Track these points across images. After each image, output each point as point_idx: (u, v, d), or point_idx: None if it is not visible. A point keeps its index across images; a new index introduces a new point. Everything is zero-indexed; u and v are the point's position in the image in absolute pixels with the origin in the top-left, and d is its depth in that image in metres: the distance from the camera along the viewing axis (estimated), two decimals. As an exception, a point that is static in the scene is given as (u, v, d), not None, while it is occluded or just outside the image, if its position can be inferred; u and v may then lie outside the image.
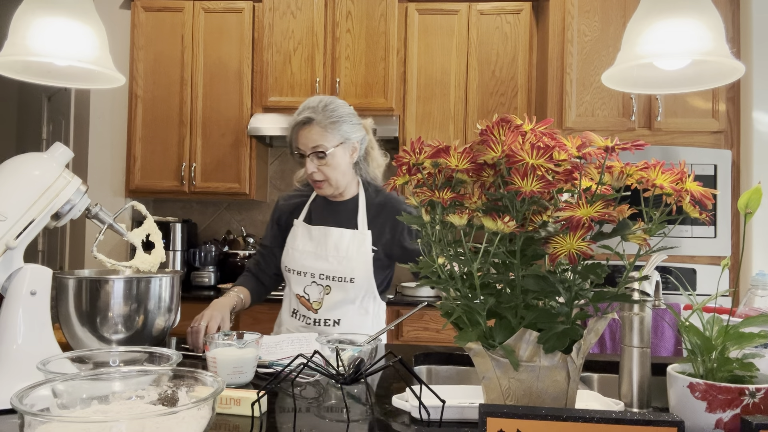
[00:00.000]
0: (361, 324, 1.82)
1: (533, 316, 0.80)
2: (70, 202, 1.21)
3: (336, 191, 1.83)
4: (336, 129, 1.75)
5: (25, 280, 1.13)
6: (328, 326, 1.79)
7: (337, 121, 1.75)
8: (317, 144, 1.73)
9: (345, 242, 1.80)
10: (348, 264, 1.79)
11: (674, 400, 0.87)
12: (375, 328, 1.85)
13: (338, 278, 1.79)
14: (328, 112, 1.75)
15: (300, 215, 1.89)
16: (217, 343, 1.25)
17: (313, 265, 1.81)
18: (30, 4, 1.14)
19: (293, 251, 1.84)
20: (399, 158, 0.87)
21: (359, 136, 1.83)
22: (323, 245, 1.81)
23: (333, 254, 1.80)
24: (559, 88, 3.07)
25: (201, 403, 0.73)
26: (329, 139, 1.74)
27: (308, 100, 1.79)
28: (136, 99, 3.50)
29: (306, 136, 1.74)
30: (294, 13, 3.40)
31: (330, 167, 1.76)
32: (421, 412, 0.99)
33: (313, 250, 1.82)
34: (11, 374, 1.08)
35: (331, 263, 1.79)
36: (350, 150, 1.81)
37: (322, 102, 1.77)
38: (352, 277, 1.78)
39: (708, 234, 2.93)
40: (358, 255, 1.80)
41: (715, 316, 0.89)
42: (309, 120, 1.73)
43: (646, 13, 1.05)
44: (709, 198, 0.78)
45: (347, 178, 1.84)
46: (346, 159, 1.80)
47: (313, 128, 1.73)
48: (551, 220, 0.80)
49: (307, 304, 1.81)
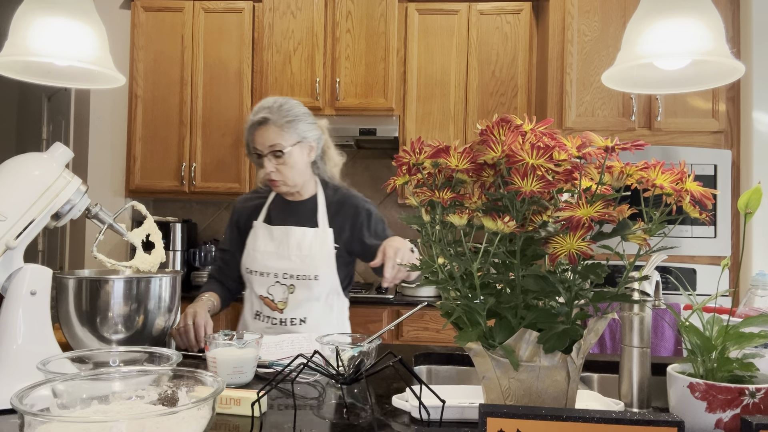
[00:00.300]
0: (327, 321, 1.83)
1: (533, 316, 0.80)
2: (70, 202, 1.21)
3: (293, 190, 1.85)
4: (292, 128, 1.77)
5: (25, 280, 1.13)
6: (294, 325, 1.80)
7: (292, 120, 1.78)
8: (274, 143, 1.76)
9: (307, 241, 1.82)
10: (312, 262, 1.80)
11: (674, 400, 0.87)
12: (340, 324, 1.88)
13: (302, 276, 1.80)
14: (283, 111, 1.77)
15: (259, 216, 1.90)
16: (217, 343, 1.25)
17: (275, 265, 1.82)
18: (30, 4, 1.14)
19: (254, 252, 1.85)
20: (399, 158, 0.87)
21: (315, 135, 1.86)
22: (285, 245, 1.82)
23: (296, 253, 1.81)
24: (559, 88, 3.07)
25: (201, 403, 0.73)
26: (286, 138, 1.76)
27: (263, 101, 1.81)
28: (136, 99, 3.50)
29: (263, 135, 1.76)
30: (294, 13, 3.40)
31: (287, 166, 1.78)
32: (421, 412, 0.99)
33: (275, 250, 1.83)
34: (11, 374, 1.08)
35: (294, 262, 1.81)
36: (307, 149, 1.84)
37: (277, 102, 1.80)
38: (317, 274, 1.80)
39: (708, 234, 2.93)
40: (321, 252, 1.82)
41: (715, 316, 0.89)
42: (265, 120, 1.76)
43: (646, 13, 1.05)
44: (709, 198, 0.78)
45: (305, 177, 1.86)
46: (303, 158, 1.83)
47: (269, 128, 1.76)
48: (551, 220, 0.80)
49: (271, 304, 1.82)
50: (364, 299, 3.09)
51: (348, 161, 3.78)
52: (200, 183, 3.48)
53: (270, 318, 1.82)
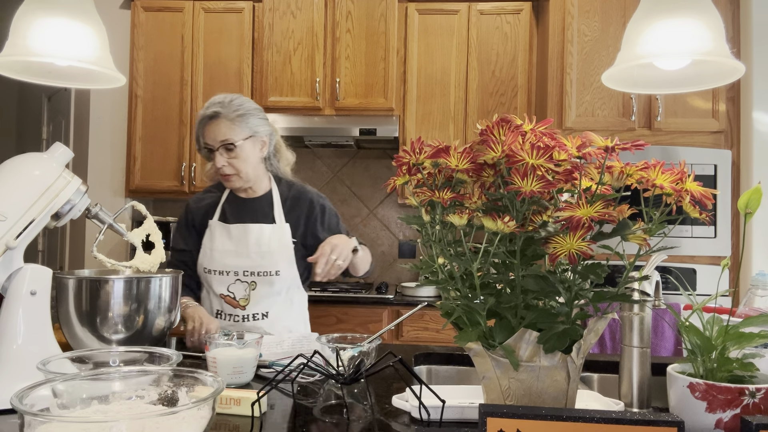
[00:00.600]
0: (288, 315, 1.86)
1: (533, 316, 0.80)
2: (70, 202, 1.21)
3: (246, 185, 1.86)
4: (243, 122, 1.79)
5: (25, 280, 1.13)
6: (257, 320, 1.81)
7: (244, 114, 1.79)
8: (226, 137, 1.77)
9: (266, 237, 1.83)
10: (272, 258, 1.82)
11: (674, 400, 0.87)
12: (300, 318, 1.91)
13: (263, 273, 1.81)
14: (234, 106, 1.79)
15: (214, 215, 1.90)
16: (217, 343, 1.25)
17: (235, 263, 1.82)
18: (30, 4, 1.14)
19: (212, 252, 1.85)
20: (399, 158, 0.87)
21: (267, 130, 1.87)
22: (243, 242, 1.83)
23: (255, 250, 1.82)
24: (559, 88, 3.07)
25: (201, 403, 0.73)
26: (237, 132, 1.78)
27: (214, 97, 1.83)
28: (136, 99, 3.50)
29: (214, 130, 1.78)
30: (294, 13, 3.40)
31: (239, 160, 1.79)
32: (421, 412, 0.99)
33: (233, 249, 1.83)
34: (11, 374, 1.08)
35: (254, 259, 1.82)
36: (259, 144, 1.85)
37: (228, 98, 1.81)
38: (278, 269, 1.82)
39: (708, 234, 2.93)
40: (280, 248, 1.83)
41: (715, 316, 0.89)
42: (216, 114, 1.77)
43: (646, 13, 1.05)
44: (709, 198, 0.78)
45: (257, 172, 1.87)
46: (255, 153, 1.84)
47: (220, 122, 1.77)
48: (551, 220, 0.80)
49: (233, 302, 1.83)
50: (364, 299, 3.09)
51: (348, 161, 3.80)
52: (200, 183, 3.48)
53: (232, 315, 1.83)
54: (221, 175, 1.82)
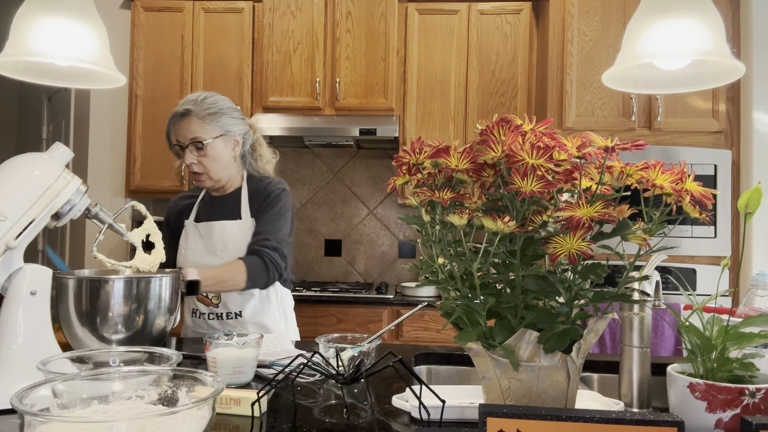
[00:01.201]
0: (266, 311, 1.84)
1: (533, 316, 0.80)
2: (70, 202, 1.21)
3: (217, 184, 1.85)
4: (215, 121, 1.78)
5: (25, 280, 1.13)
6: (231, 319, 1.81)
7: (216, 112, 1.79)
8: (195, 135, 1.77)
9: (229, 234, 1.82)
10: (237, 254, 1.79)
11: (674, 400, 0.87)
12: (281, 314, 1.88)
13: None
14: (206, 104, 1.79)
15: (190, 216, 1.91)
16: (217, 343, 1.25)
17: (204, 262, 1.82)
18: (31, 4, 1.14)
19: (186, 251, 1.86)
20: (399, 158, 0.87)
21: (241, 129, 1.86)
22: (210, 241, 1.83)
23: (220, 248, 1.82)
24: (559, 88, 3.07)
25: (201, 403, 0.73)
26: (207, 131, 1.78)
27: (189, 95, 1.83)
28: (136, 99, 3.50)
29: (184, 127, 1.78)
30: (294, 13, 3.40)
31: (209, 159, 1.79)
32: (421, 412, 0.99)
33: (203, 247, 1.84)
34: (11, 374, 1.08)
35: (220, 257, 1.81)
36: (232, 143, 1.84)
37: (201, 95, 1.81)
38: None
39: (708, 234, 2.93)
40: (244, 244, 1.81)
41: (715, 316, 0.89)
42: (187, 112, 1.78)
43: (646, 13, 1.05)
44: (709, 198, 0.78)
45: (229, 171, 1.86)
46: (227, 152, 1.83)
47: (191, 119, 1.77)
48: (551, 220, 0.80)
49: (205, 300, 1.83)
50: (364, 299, 3.09)
51: (348, 161, 3.80)
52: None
53: (206, 314, 1.83)
54: (191, 173, 1.82)
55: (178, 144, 1.80)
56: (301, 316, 3.03)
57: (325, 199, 3.79)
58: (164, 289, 1.38)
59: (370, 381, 1.27)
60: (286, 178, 3.81)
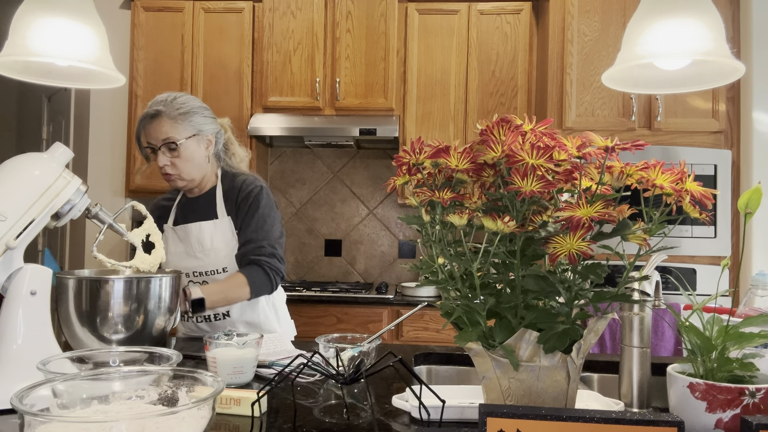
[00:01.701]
0: (254, 313, 1.81)
1: (533, 316, 0.80)
2: (70, 202, 1.21)
3: (190, 185, 1.82)
4: (186, 121, 1.75)
5: (25, 280, 1.13)
6: (219, 320, 1.80)
7: (187, 112, 1.75)
8: (167, 136, 1.73)
9: (206, 235, 1.79)
10: (216, 255, 1.78)
11: (674, 400, 0.87)
12: (274, 313, 1.86)
13: (210, 272, 1.78)
14: (177, 104, 1.75)
15: (169, 219, 1.89)
16: (218, 343, 1.25)
17: (186, 265, 1.80)
18: (30, 4, 1.14)
19: (168, 255, 1.82)
20: (399, 158, 0.87)
21: (213, 128, 1.83)
22: (188, 243, 1.81)
23: (198, 249, 1.79)
24: (559, 88, 3.07)
25: (201, 403, 0.73)
26: (180, 131, 1.74)
27: (157, 96, 1.79)
28: (136, 99, 3.50)
29: (156, 129, 1.74)
30: (294, 13, 3.40)
31: (182, 159, 1.75)
32: (421, 412, 0.99)
33: (183, 250, 1.82)
34: (11, 374, 1.08)
35: (199, 259, 1.79)
36: (205, 143, 1.81)
37: (171, 95, 1.78)
38: (224, 266, 1.78)
39: (708, 234, 2.92)
40: (223, 244, 1.79)
41: (715, 316, 0.89)
42: (158, 113, 1.74)
43: (646, 13, 1.05)
44: (709, 198, 0.78)
45: (203, 171, 1.83)
46: (201, 152, 1.79)
47: (162, 120, 1.73)
48: (551, 220, 0.80)
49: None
50: (364, 299, 3.09)
51: (348, 161, 3.80)
52: (200, 183, 3.48)
53: (194, 318, 1.82)
54: (163, 174, 1.78)
55: (150, 146, 1.76)
56: (301, 316, 3.03)
57: (325, 199, 3.79)
58: (164, 289, 1.38)
59: (370, 381, 1.27)
60: (286, 178, 3.82)
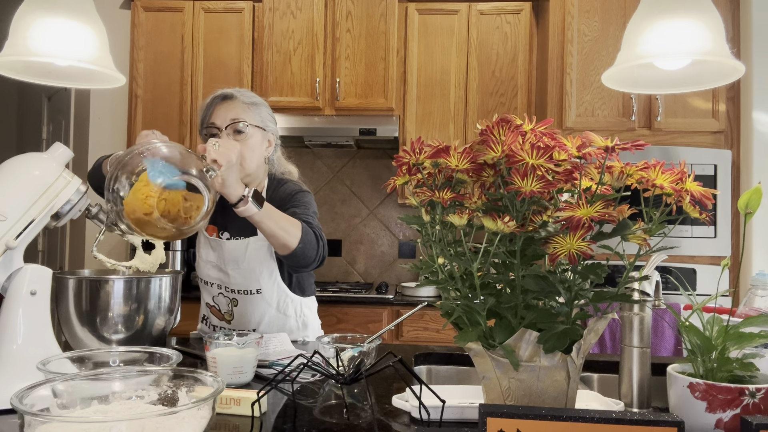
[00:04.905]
0: (283, 327, 1.71)
1: (533, 316, 0.80)
2: (70, 202, 1.21)
3: (247, 179, 1.67)
4: (256, 111, 1.70)
5: (25, 280, 1.13)
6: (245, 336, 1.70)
7: (257, 103, 1.72)
8: (237, 117, 1.64)
9: (244, 253, 1.66)
10: (252, 275, 1.66)
11: (674, 400, 0.87)
12: (301, 327, 1.74)
13: (243, 291, 1.68)
14: (249, 94, 1.72)
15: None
16: (218, 343, 1.25)
17: (217, 277, 1.71)
18: (30, 4, 1.14)
19: (200, 260, 1.74)
20: (399, 158, 0.87)
21: (275, 130, 1.77)
22: (222, 257, 1.69)
23: (233, 267, 1.67)
24: (559, 88, 3.07)
25: (201, 403, 0.73)
26: (250, 116, 1.67)
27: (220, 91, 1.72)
28: (136, 99, 3.50)
29: (227, 108, 1.66)
30: (294, 13, 3.40)
31: (246, 146, 1.64)
32: (421, 412, 0.99)
33: (215, 261, 1.70)
34: (11, 374, 1.08)
35: (233, 277, 1.68)
36: (266, 141, 1.73)
37: (242, 88, 1.74)
38: (258, 288, 1.67)
39: (708, 234, 2.92)
40: (261, 265, 1.67)
41: (715, 316, 0.89)
42: (231, 95, 1.68)
43: (646, 13, 1.05)
44: (709, 198, 0.78)
45: (259, 170, 1.72)
46: (262, 147, 1.71)
47: (234, 102, 1.67)
48: (551, 220, 0.80)
49: (218, 314, 1.74)
50: (364, 299, 3.09)
51: (348, 161, 3.80)
52: (200, 183, 3.48)
53: (217, 327, 1.74)
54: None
55: (213, 125, 1.65)
56: (301, 316, 3.03)
57: (325, 199, 3.79)
58: (164, 289, 1.38)
59: (370, 381, 1.27)
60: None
